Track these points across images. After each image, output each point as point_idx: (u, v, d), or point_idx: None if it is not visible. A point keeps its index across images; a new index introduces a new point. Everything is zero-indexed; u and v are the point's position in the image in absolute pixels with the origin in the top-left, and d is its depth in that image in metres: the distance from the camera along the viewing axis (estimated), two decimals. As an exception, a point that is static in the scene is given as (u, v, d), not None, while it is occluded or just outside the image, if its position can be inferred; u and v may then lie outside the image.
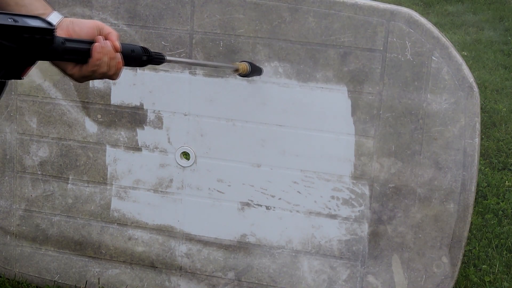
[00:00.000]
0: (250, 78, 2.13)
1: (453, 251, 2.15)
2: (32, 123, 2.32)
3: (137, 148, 2.28)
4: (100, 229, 2.36)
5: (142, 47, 1.46)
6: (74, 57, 1.32)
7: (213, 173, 2.25)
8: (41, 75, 2.28)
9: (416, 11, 2.09)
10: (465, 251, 2.46)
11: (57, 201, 2.37)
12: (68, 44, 1.29)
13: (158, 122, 2.25)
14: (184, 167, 2.26)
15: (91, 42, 1.36)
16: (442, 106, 2.07)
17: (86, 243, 2.38)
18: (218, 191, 2.26)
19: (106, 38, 1.37)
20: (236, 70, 2.06)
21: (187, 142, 2.25)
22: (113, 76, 1.40)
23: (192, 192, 2.28)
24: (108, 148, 2.30)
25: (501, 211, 3.13)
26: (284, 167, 2.20)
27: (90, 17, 2.21)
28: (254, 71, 2.10)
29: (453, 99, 2.06)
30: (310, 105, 2.15)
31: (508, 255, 2.79)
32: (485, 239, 2.89)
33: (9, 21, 1.14)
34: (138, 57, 1.45)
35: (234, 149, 2.23)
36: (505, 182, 3.41)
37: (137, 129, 2.27)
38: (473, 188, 2.11)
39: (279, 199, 2.23)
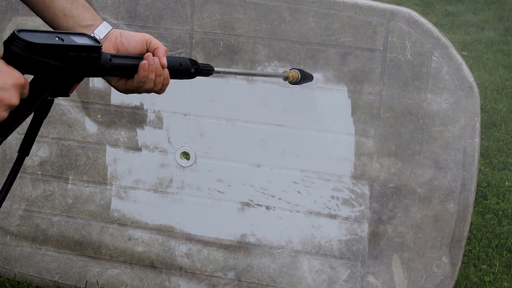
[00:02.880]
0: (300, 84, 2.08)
1: (453, 251, 2.15)
2: (32, 123, 2.32)
3: (137, 148, 2.28)
4: (100, 229, 2.36)
5: (190, 59, 1.43)
6: (120, 73, 1.31)
7: (213, 173, 2.25)
8: (41, 75, 2.28)
9: (416, 11, 2.09)
10: (465, 251, 2.46)
11: (57, 201, 2.37)
12: (115, 61, 1.28)
13: (158, 122, 2.25)
14: (184, 167, 2.26)
15: (138, 58, 1.33)
16: (442, 106, 2.07)
17: (86, 243, 2.38)
18: (218, 191, 2.26)
19: (153, 53, 1.34)
20: (286, 78, 2.01)
21: (187, 142, 2.25)
22: (159, 91, 1.38)
23: (192, 192, 2.28)
24: (108, 148, 2.30)
25: (501, 211, 3.13)
26: (284, 167, 2.20)
27: (90, 17, 2.21)
28: (305, 77, 2.04)
29: (453, 99, 2.06)
30: (310, 105, 2.15)
31: (508, 255, 2.79)
32: (485, 239, 2.89)
33: (55, 40, 1.14)
34: (187, 70, 1.42)
35: (234, 149, 2.23)
36: (505, 182, 3.41)
37: (137, 129, 2.27)
38: (473, 188, 2.11)
39: (279, 199, 2.23)
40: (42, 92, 1.17)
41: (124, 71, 1.31)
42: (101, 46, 1.21)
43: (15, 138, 2.34)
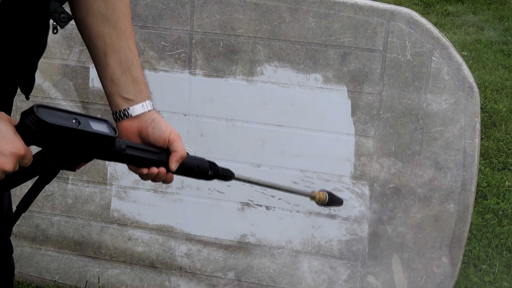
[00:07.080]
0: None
1: (453, 251, 2.15)
2: (32, 123, 2.32)
3: (137, 148, 2.28)
4: (100, 229, 2.36)
5: (210, 162, 1.45)
6: (131, 162, 1.32)
7: (213, 173, 2.25)
8: (41, 75, 2.28)
9: (416, 11, 2.09)
10: (465, 251, 2.46)
11: (57, 201, 2.37)
12: (129, 151, 1.29)
13: (158, 122, 2.25)
14: (184, 167, 2.26)
15: (152, 152, 1.33)
16: (442, 106, 2.07)
17: (86, 243, 2.38)
18: (218, 191, 2.26)
19: (171, 149, 1.34)
20: (313, 198, 1.72)
21: (187, 142, 2.25)
22: (163, 183, 1.39)
23: (192, 192, 2.28)
24: (108, 148, 2.30)
25: (501, 211, 3.13)
26: (284, 167, 2.20)
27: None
28: (332, 202, 1.77)
29: (453, 99, 2.06)
30: (310, 105, 2.15)
31: (508, 255, 2.79)
32: (485, 239, 2.89)
33: (71, 122, 1.15)
34: (203, 173, 1.44)
35: (234, 149, 2.23)
36: (505, 182, 3.41)
37: (137, 129, 2.27)
38: (473, 188, 2.11)
39: (279, 199, 2.23)
40: (46, 163, 1.19)
41: (134, 162, 1.32)
42: (116, 136, 1.23)
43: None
